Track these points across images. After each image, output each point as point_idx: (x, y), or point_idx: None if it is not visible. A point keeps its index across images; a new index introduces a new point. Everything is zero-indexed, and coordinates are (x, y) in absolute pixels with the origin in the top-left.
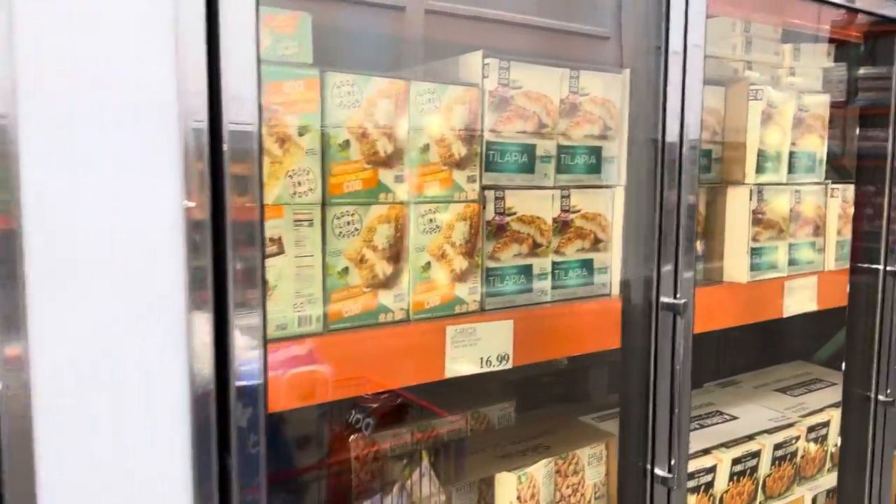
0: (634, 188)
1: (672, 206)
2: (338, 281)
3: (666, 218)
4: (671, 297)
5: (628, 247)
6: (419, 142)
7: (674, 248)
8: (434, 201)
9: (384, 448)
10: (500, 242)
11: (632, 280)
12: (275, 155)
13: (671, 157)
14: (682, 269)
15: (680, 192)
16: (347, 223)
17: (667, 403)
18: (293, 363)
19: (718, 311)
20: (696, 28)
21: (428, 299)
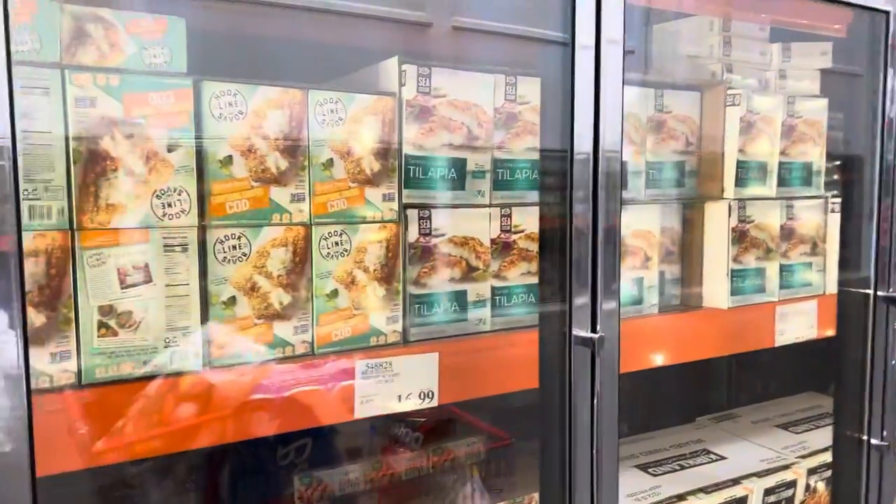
0: (555, 206)
1: (584, 227)
2: (222, 311)
3: (577, 241)
4: (586, 331)
5: (549, 272)
6: (321, 157)
7: (588, 276)
8: (340, 222)
9: (432, 463)
10: (427, 266)
11: (548, 310)
12: (138, 174)
13: (582, 171)
14: (601, 300)
15: (595, 211)
16: (233, 247)
17: (587, 450)
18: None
19: (693, 341)
20: (611, 19)
21: (336, 331)
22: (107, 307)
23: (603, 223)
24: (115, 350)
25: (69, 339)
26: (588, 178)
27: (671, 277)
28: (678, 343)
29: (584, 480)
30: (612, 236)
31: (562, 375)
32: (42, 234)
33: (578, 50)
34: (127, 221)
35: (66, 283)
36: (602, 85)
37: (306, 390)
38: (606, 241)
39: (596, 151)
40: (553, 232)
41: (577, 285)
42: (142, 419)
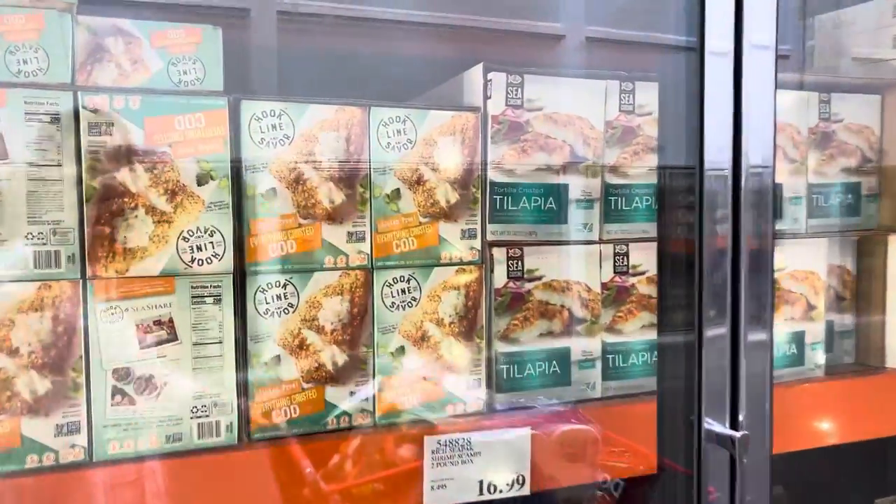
0: (677, 239)
1: (721, 265)
2: (265, 374)
3: (708, 285)
4: (722, 424)
5: (669, 325)
6: (385, 187)
7: (726, 339)
8: (409, 265)
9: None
10: (518, 318)
11: (669, 382)
12: (161, 212)
13: (715, 192)
14: (743, 376)
15: (737, 244)
16: (278, 297)
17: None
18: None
19: (872, 414)
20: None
21: (401, 398)
22: (123, 370)
23: (746, 260)
24: (131, 421)
25: (78, 409)
26: (727, 201)
27: (842, 329)
28: (852, 416)
29: None
30: (761, 277)
31: (688, 476)
32: (48, 285)
33: (709, 40)
34: (148, 268)
35: (75, 342)
36: (744, 88)
37: (359, 479)
38: (753, 284)
39: (737, 167)
40: (676, 273)
41: (710, 353)
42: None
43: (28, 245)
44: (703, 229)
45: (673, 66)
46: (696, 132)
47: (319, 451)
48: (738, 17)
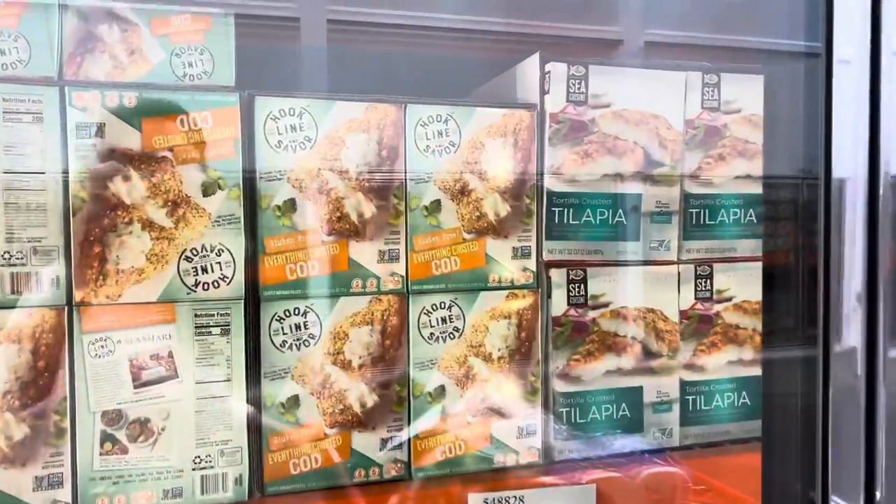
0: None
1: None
2: (280, 417)
3: (833, 312)
4: (856, 499)
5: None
6: (424, 197)
7: (863, 386)
8: (451, 290)
9: None
10: (581, 351)
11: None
12: (160, 227)
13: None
14: (883, 442)
15: (874, 264)
16: (297, 327)
17: None
18: None
19: None
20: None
21: (441, 447)
22: (114, 413)
23: (885, 284)
24: (123, 473)
25: (62, 459)
26: (855, 214)
27: None
28: None
29: None
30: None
31: None
32: (28, 313)
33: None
34: (145, 294)
35: (59, 380)
36: (883, 95)
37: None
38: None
39: (873, 174)
40: (783, 298)
41: (839, 403)
42: None
43: (4, 266)
44: (829, 246)
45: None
46: (821, 139)
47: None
48: (874, 23)
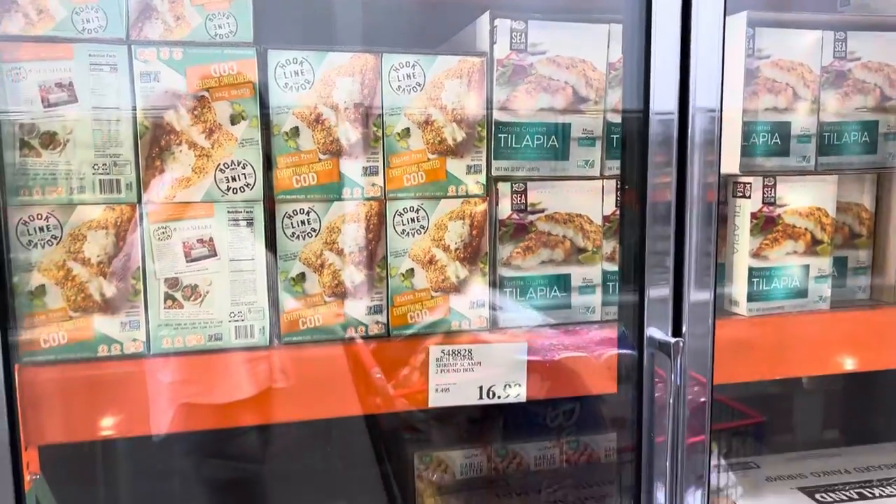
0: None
1: (664, 201)
2: (292, 288)
3: (653, 222)
4: (664, 333)
5: (627, 257)
6: (396, 126)
7: (671, 266)
8: (418, 197)
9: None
10: (521, 246)
11: (626, 302)
12: (201, 147)
13: (660, 134)
14: (689, 294)
15: (685, 186)
16: (302, 223)
17: (663, 477)
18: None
19: (874, 345)
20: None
21: (413, 313)
22: (172, 280)
23: (695, 197)
24: (181, 322)
25: (138, 310)
26: (671, 143)
27: (856, 266)
28: (853, 347)
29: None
30: (706, 216)
31: (638, 383)
32: (112, 208)
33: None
34: (192, 195)
35: (134, 256)
36: (694, 21)
37: (373, 376)
38: (701, 221)
39: (684, 109)
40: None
41: (653, 274)
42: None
43: (95, 175)
44: (647, 172)
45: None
46: (642, 73)
47: (339, 355)
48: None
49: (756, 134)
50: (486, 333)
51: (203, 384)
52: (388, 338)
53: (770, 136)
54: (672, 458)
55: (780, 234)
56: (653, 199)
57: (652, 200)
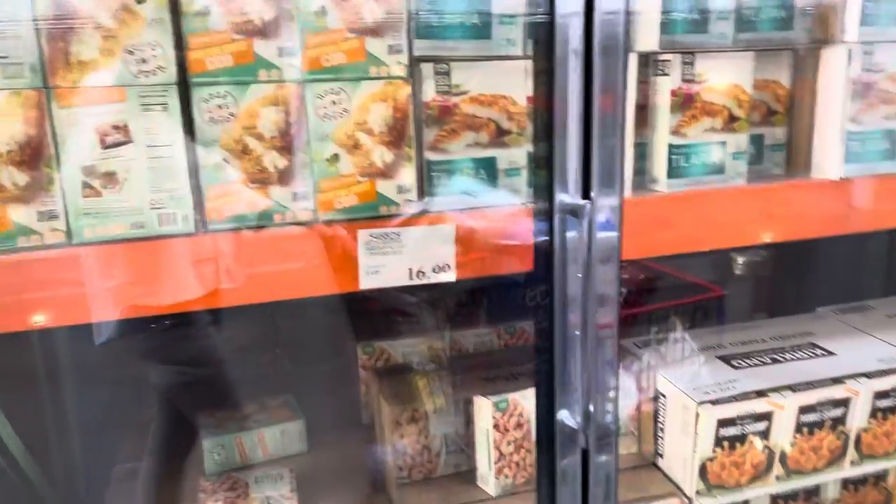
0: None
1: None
2: (214, 174)
3: (559, 90)
4: (572, 196)
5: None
6: (311, 4)
7: (575, 132)
8: (338, 79)
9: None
10: (446, 129)
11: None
12: (107, 28)
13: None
14: (598, 163)
15: (589, 67)
16: (219, 107)
17: (573, 339)
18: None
19: (790, 219)
20: None
21: (339, 198)
22: (88, 167)
23: (598, 66)
24: (101, 210)
25: (55, 199)
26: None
27: (773, 143)
28: (768, 219)
29: (571, 371)
30: (610, 82)
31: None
32: (16, 93)
33: None
34: (100, 80)
35: (45, 143)
36: None
37: (304, 258)
38: (606, 91)
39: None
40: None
41: (560, 144)
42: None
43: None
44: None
45: None
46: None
47: (266, 242)
48: None
49: (675, 11)
50: (415, 217)
51: (133, 273)
52: (316, 223)
53: (689, 12)
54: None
55: (698, 112)
56: (560, 78)
57: (559, 77)
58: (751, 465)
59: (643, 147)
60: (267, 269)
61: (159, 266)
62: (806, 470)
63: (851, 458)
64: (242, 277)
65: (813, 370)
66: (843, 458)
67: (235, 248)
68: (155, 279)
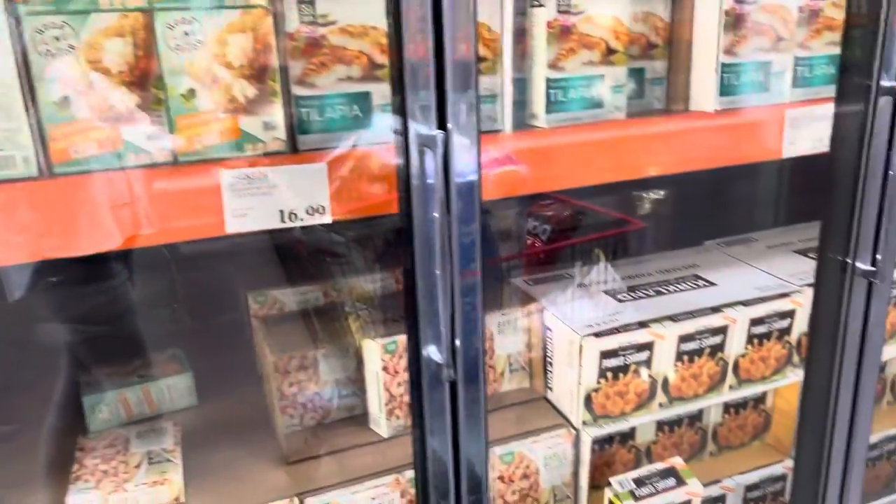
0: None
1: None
2: (56, 113)
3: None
4: (429, 129)
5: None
6: None
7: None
8: (190, 7)
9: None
10: (314, 62)
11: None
12: None
13: None
14: (451, 93)
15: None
16: (56, 38)
17: (435, 278)
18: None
19: (666, 151)
20: None
21: (199, 136)
22: None
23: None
24: None
25: None
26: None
27: (653, 76)
28: (648, 153)
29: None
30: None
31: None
32: None
33: None
34: None
35: None
36: None
37: (163, 201)
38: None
39: None
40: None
41: (415, 80)
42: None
43: None
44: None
45: None
46: None
47: (121, 185)
48: None
49: None
50: (284, 156)
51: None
52: (175, 164)
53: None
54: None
55: (575, 44)
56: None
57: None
58: (634, 393)
59: (523, 82)
60: (122, 216)
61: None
62: (688, 396)
63: (730, 383)
64: (93, 225)
65: (694, 301)
66: (722, 383)
67: (84, 192)
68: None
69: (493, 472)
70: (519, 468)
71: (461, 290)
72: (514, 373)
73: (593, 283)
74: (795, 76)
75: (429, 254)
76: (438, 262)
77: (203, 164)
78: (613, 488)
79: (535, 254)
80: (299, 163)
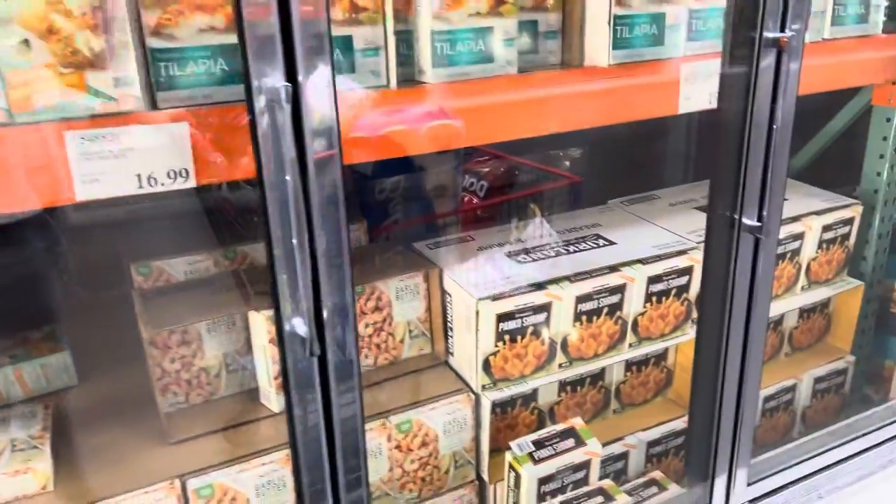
0: None
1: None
2: None
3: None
4: (276, 80)
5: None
6: None
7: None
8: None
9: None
10: (172, 11)
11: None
12: None
13: None
14: (300, 44)
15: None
16: None
17: (292, 248)
18: None
19: (559, 108)
20: None
21: (37, 94)
22: None
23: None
24: None
25: None
26: None
27: (547, 30)
28: (541, 109)
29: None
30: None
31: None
32: None
33: None
34: None
35: None
36: None
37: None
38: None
39: None
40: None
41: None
42: None
43: None
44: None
45: None
46: None
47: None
48: None
49: None
50: (140, 114)
51: None
52: (13, 125)
53: None
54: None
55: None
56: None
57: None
58: (533, 356)
59: (409, 35)
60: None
61: None
62: (588, 356)
63: (630, 342)
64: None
65: (594, 260)
66: (622, 342)
67: None
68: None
69: (391, 442)
70: (417, 436)
71: (327, 260)
72: (414, 339)
73: (494, 245)
74: (690, 29)
75: (286, 221)
76: (294, 229)
77: (45, 124)
78: (513, 451)
79: (434, 218)
80: (157, 122)
